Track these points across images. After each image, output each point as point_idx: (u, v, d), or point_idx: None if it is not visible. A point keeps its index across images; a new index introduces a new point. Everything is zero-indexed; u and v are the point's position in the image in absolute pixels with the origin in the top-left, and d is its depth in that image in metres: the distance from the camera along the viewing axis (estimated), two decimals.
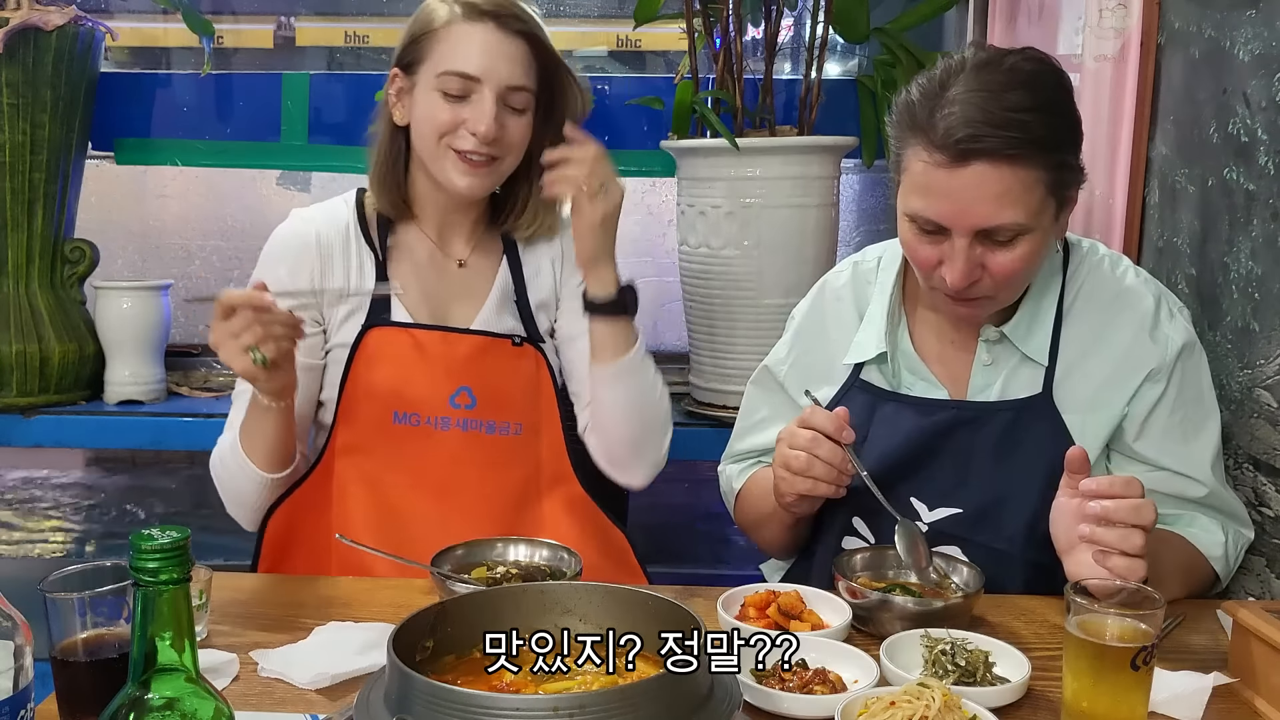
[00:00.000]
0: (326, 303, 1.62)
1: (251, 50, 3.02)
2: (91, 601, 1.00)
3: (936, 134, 1.30)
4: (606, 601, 1.04)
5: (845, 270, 1.63)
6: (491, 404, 1.62)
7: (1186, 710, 1.09)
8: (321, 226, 1.64)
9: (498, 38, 1.56)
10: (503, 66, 1.56)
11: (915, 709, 1.00)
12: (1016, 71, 1.32)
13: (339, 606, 1.36)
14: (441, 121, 1.56)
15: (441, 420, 1.60)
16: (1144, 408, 1.44)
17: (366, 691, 0.90)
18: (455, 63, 1.55)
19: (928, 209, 1.34)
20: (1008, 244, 1.34)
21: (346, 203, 1.69)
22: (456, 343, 1.62)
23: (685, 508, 1.81)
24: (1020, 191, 1.30)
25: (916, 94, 1.35)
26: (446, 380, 1.60)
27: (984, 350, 1.48)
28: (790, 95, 2.53)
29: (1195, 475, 1.45)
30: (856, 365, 1.54)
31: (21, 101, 2.34)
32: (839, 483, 1.39)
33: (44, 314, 2.42)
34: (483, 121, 1.53)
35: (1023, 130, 1.28)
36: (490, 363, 1.63)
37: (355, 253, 1.65)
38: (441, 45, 1.56)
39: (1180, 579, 1.42)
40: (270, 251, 1.65)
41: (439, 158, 1.58)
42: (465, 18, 1.56)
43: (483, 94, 1.55)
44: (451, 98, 1.55)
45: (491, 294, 1.68)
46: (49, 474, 3.06)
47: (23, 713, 0.88)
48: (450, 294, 1.68)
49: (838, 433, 1.37)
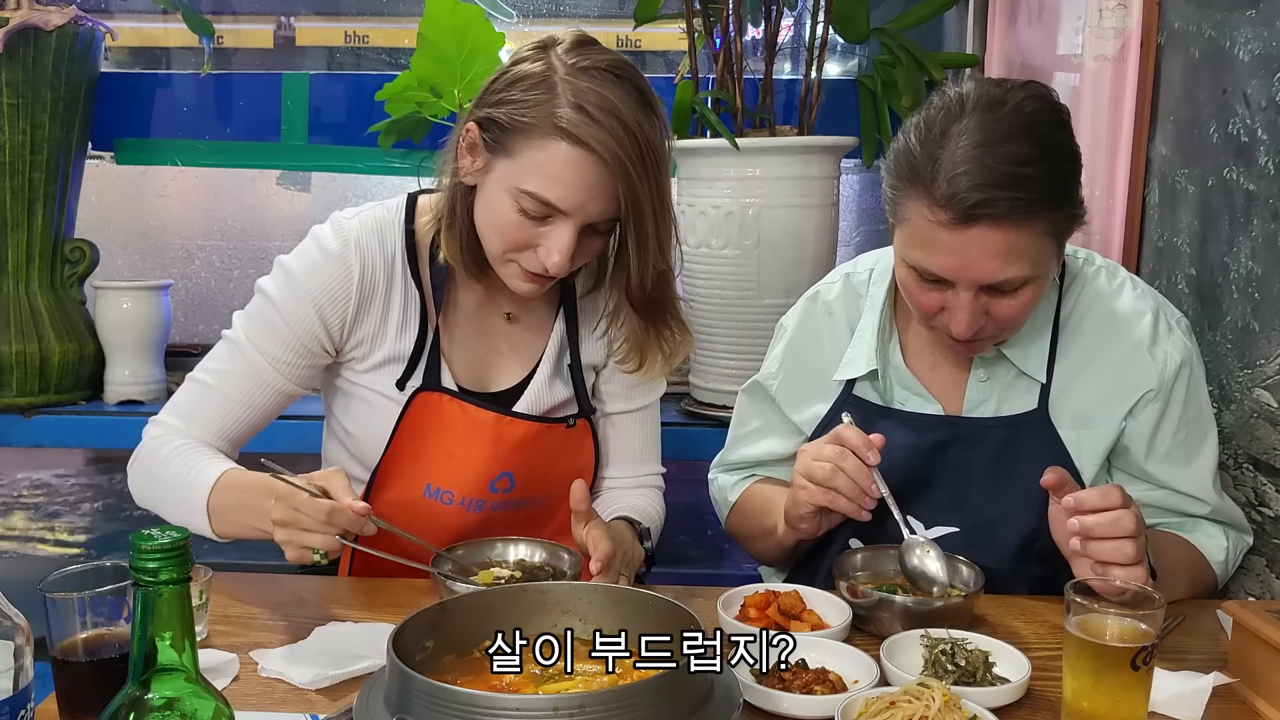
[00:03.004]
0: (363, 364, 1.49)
1: (251, 50, 3.03)
2: (91, 601, 1.00)
3: (939, 193, 1.25)
4: (606, 601, 1.04)
5: (837, 282, 1.60)
6: (530, 486, 1.53)
7: (1186, 710, 1.09)
8: (367, 257, 1.45)
9: (598, 174, 1.32)
10: (594, 203, 1.34)
11: (915, 709, 1.00)
12: (1018, 114, 1.27)
13: (339, 606, 1.36)
14: (512, 240, 1.37)
15: (476, 503, 1.51)
16: (1144, 427, 1.43)
17: (366, 691, 0.90)
18: (541, 187, 1.32)
19: (930, 263, 1.31)
20: (1012, 293, 1.32)
21: (397, 222, 1.49)
22: (509, 426, 1.50)
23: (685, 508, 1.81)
24: (1025, 247, 1.28)
25: (915, 142, 1.30)
26: (491, 464, 1.50)
27: (979, 367, 1.47)
28: (790, 95, 2.54)
29: (1198, 494, 1.45)
30: (849, 381, 1.52)
31: (21, 101, 2.34)
32: (860, 501, 1.35)
33: (44, 314, 2.42)
34: (555, 254, 1.34)
35: (1029, 189, 1.24)
36: (539, 447, 1.52)
37: (401, 291, 1.48)
38: (534, 155, 1.32)
39: (1186, 580, 1.42)
40: (306, 261, 1.46)
41: (501, 263, 1.41)
42: (566, 140, 1.31)
43: (564, 226, 1.34)
44: (529, 216, 1.34)
45: (545, 358, 1.54)
46: (49, 474, 3.06)
47: (23, 713, 0.88)
48: (496, 352, 1.54)
49: (865, 449, 1.34)
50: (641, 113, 1.33)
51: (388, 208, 1.51)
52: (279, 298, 1.45)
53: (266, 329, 1.45)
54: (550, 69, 1.33)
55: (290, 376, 1.46)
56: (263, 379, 1.45)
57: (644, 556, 1.48)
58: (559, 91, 1.31)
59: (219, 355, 1.48)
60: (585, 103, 1.30)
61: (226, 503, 1.35)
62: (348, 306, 1.45)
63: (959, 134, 1.26)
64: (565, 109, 1.30)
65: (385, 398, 1.49)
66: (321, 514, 1.20)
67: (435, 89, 2.35)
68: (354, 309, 1.46)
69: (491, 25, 2.34)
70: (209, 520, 1.36)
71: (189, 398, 1.48)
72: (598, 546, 1.31)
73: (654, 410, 1.67)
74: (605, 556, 1.31)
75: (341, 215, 1.49)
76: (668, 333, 1.52)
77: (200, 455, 1.42)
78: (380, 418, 1.49)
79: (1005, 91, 1.30)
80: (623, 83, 1.34)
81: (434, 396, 1.48)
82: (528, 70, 1.35)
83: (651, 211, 1.36)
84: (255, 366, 1.45)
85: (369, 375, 1.50)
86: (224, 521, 1.36)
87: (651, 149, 1.33)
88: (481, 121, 1.37)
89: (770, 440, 1.63)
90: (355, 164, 2.71)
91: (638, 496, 1.63)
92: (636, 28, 2.42)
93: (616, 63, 1.36)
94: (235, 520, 1.35)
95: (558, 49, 1.35)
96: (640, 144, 1.32)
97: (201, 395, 1.47)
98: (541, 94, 1.32)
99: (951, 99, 1.30)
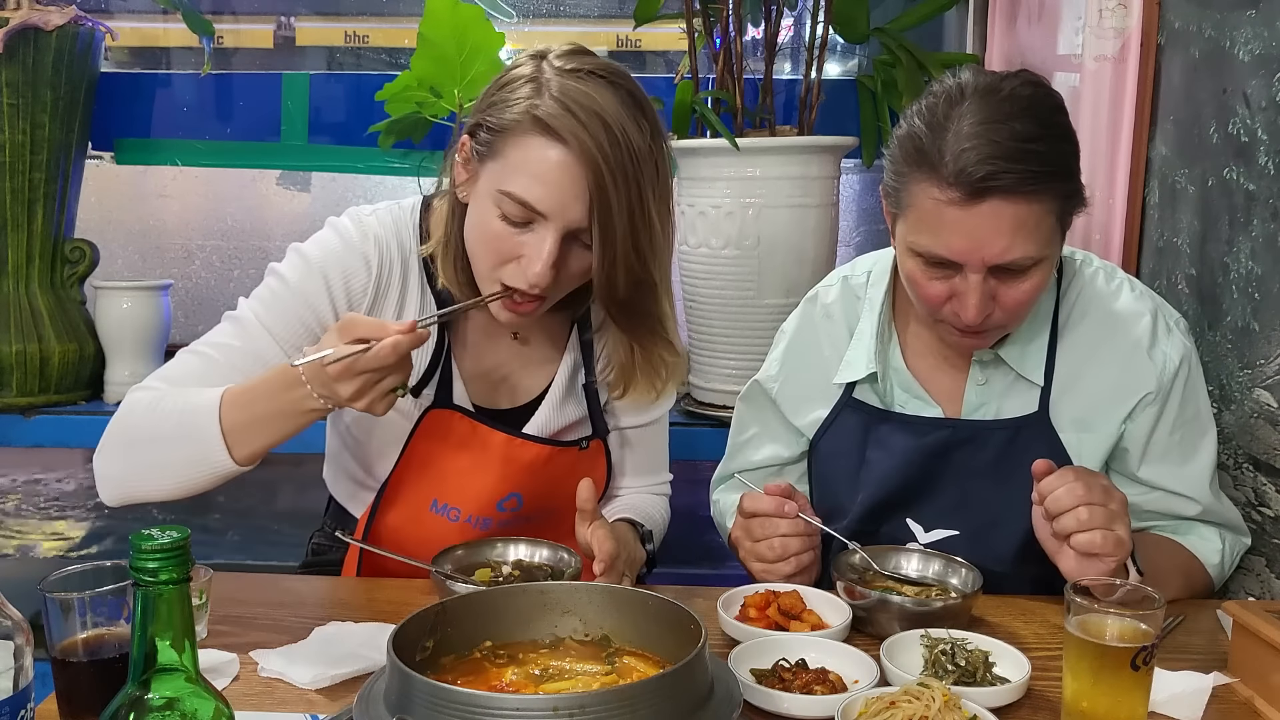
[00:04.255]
0: None
1: (251, 50, 3.02)
2: (91, 601, 1.00)
3: (949, 170, 1.26)
4: (606, 601, 1.04)
5: (835, 285, 1.60)
6: (538, 506, 1.51)
7: (1187, 710, 1.09)
8: (384, 255, 1.42)
9: (576, 173, 1.26)
10: (575, 206, 1.28)
11: (915, 709, 1.00)
12: (1017, 98, 1.29)
13: (339, 606, 1.37)
14: (495, 250, 1.32)
15: (483, 521, 1.49)
16: (1143, 430, 1.43)
17: (366, 691, 0.90)
18: (520, 187, 1.28)
19: (938, 245, 1.30)
20: (1020, 275, 1.32)
21: (412, 225, 1.46)
22: (520, 448, 1.47)
23: (685, 508, 1.81)
24: (1034, 224, 1.28)
25: (921, 125, 1.30)
26: (500, 484, 1.48)
27: (977, 371, 1.47)
28: (790, 95, 2.54)
29: (1191, 494, 1.45)
30: (849, 385, 1.52)
31: (21, 101, 2.34)
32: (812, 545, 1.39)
33: (44, 314, 2.42)
34: (537, 263, 1.29)
35: (1037, 162, 1.26)
36: (550, 469, 1.50)
37: (416, 297, 1.45)
38: (516, 153, 1.29)
39: (1179, 582, 1.42)
40: (325, 244, 1.43)
41: (485, 281, 1.36)
42: (543, 133, 1.27)
43: (544, 232, 1.29)
44: (510, 223, 1.30)
45: (558, 377, 1.52)
46: (49, 474, 3.06)
47: (23, 713, 0.88)
48: (508, 369, 1.51)
49: (779, 510, 1.36)
50: (628, 116, 1.29)
51: (403, 207, 1.48)
52: (292, 277, 1.41)
53: (276, 306, 1.40)
54: (539, 71, 1.31)
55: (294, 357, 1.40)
56: (267, 357, 1.37)
57: (645, 558, 1.48)
58: (543, 88, 1.29)
59: (222, 330, 1.42)
60: (567, 98, 1.27)
61: (243, 419, 1.27)
62: (364, 297, 1.42)
63: (962, 115, 1.28)
64: (546, 102, 1.27)
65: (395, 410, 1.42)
66: (390, 356, 1.16)
67: (435, 89, 2.35)
68: (370, 298, 1.42)
69: (491, 25, 2.34)
70: (227, 446, 1.27)
71: (185, 367, 1.39)
72: (602, 546, 1.31)
73: (664, 423, 1.66)
74: (609, 556, 1.30)
75: (360, 210, 1.46)
76: (656, 358, 1.47)
77: (190, 393, 1.32)
78: (388, 432, 1.47)
79: (1000, 79, 1.32)
80: (613, 86, 1.31)
81: (445, 414, 1.46)
82: (518, 74, 1.33)
83: (626, 215, 1.29)
84: (260, 342, 1.38)
85: None
86: (246, 439, 1.27)
87: (633, 152, 1.28)
88: (473, 130, 1.35)
89: (771, 446, 1.63)
90: (355, 164, 2.71)
91: (643, 501, 1.63)
92: (636, 28, 2.42)
93: (610, 68, 1.33)
94: (262, 431, 1.27)
95: (550, 56, 1.33)
96: (621, 145, 1.27)
97: (200, 365, 1.38)
98: (527, 92, 1.29)
99: (950, 86, 1.32)
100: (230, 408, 1.28)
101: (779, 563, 1.36)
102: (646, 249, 1.34)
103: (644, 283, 1.37)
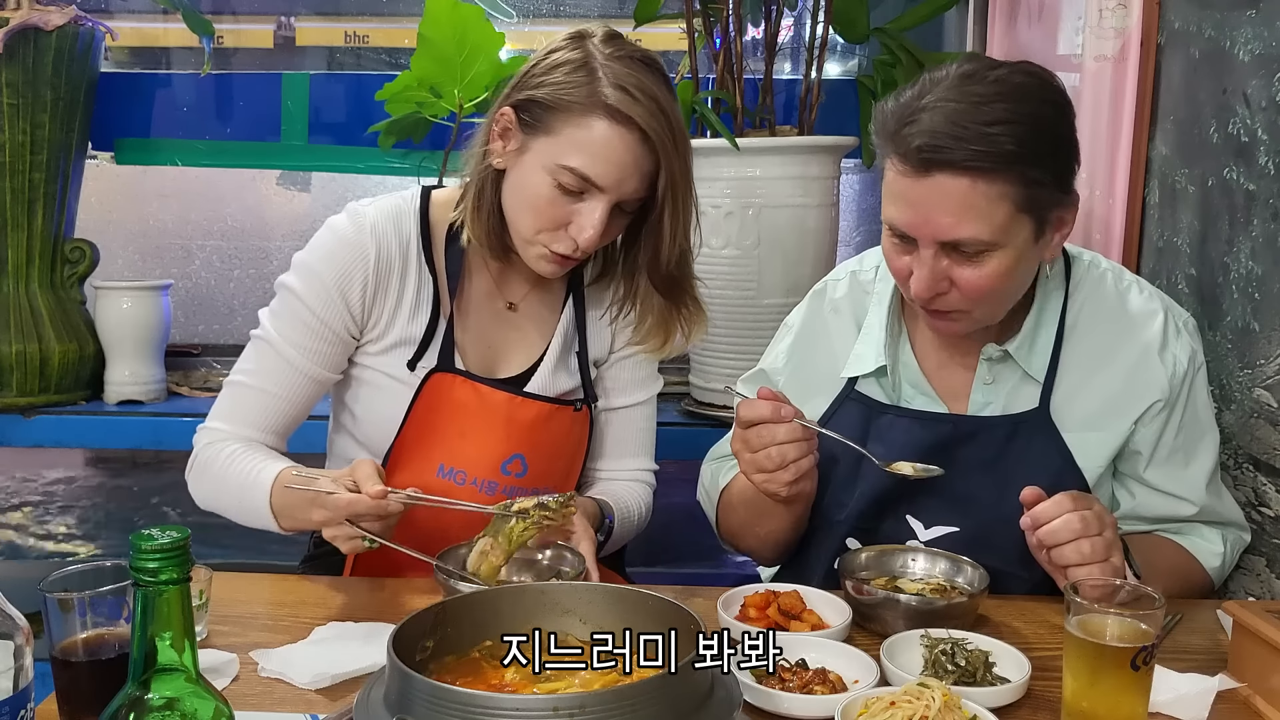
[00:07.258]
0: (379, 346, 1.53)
1: (251, 50, 3.03)
2: (91, 601, 1.00)
3: (902, 142, 1.30)
4: (606, 601, 1.04)
5: (843, 279, 1.60)
6: (541, 473, 1.56)
7: (1191, 711, 1.09)
8: (383, 241, 1.50)
9: (638, 153, 1.40)
10: (629, 181, 1.42)
11: (915, 709, 1.00)
12: (1001, 84, 1.29)
13: (339, 606, 1.36)
14: (546, 217, 1.43)
15: (488, 485, 1.53)
16: (1152, 434, 1.43)
17: (366, 691, 0.90)
18: (583, 163, 1.39)
19: (896, 217, 1.34)
20: (975, 259, 1.31)
21: (412, 211, 1.54)
22: (521, 407, 1.54)
23: (685, 508, 1.81)
24: (983, 206, 1.28)
25: (893, 103, 1.34)
26: (504, 445, 1.53)
27: (985, 368, 1.46)
28: (790, 95, 2.54)
29: (1187, 496, 1.45)
30: (851, 378, 1.52)
31: (21, 101, 2.34)
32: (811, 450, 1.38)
33: (44, 314, 2.42)
34: (589, 229, 1.41)
35: (988, 144, 1.26)
36: (549, 430, 1.57)
37: (415, 276, 1.52)
38: (575, 133, 1.40)
39: (1177, 582, 1.42)
40: (323, 249, 1.51)
41: (528, 244, 1.47)
42: (610, 117, 1.39)
43: (597, 203, 1.41)
44: (566, 193, 1.41)
45: (551, 346, 1.59)
46: (49, 474, 3.06)
47: (23, 713, 0.88)
48: (503, 338, 1.59)
49: (776, 415, 1.36)
50: (671, 98, 1.43)
51: (403, 197, 1.56)
52: (302, 290, 1.49)
53: (293, 322, 1.49)
54: (589, 55, 1.42)
55: (323, 364, 1.51)
56: (297, 369, 1.50)
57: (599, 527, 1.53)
58: (600, 75, 1.40)
59: (251, 355, 1.53)
60: (626, 84, 1.39)
61: (285, 503, 1.41)
62: (366, 286, 1.50)
63: (934, 92, 1.30)
64: (609, 89, 1.39)
65: (395, 380, 1.53)
66: (343, 511, 1.28)
67: (435, 89, 2.35)
68: (371, 289, 1.50)
69: (491, 25, 2.34)
70: (275, 520, 1.42)
71: (230, 400, 1.53)
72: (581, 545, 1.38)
73: (650, 406, 1.70)
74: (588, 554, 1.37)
75: (357, 204, 1.54)
76: (686, 311, 1.60)
77: (253, 459, 1.46)
78: (389, 401, 1.53)
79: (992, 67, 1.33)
80: (653, 70, 1.44)
81: (447, 378, 1.52)
82: (567, 57, 1.43)
83: (685, 189, 1.46)
84: (288, 359, 1.49)
85: (379, 358, 1.53)
86: (287, 519, 1.42)
87: (682, 131, 1.44)
88: (519, 104, 1.44)
89: None
90: (355, 164, 2.71)
91: (622, 489, 1.65)
92: (636, 28, 2.41)
93: (647, 53, 1.46)
94: (295, 518, 1.41)
95: (594, 39, 1.44)
96: (673, 125, 1.42)
97: (241, 396, 1.52)
98: (583, 76, 1.40)
99: (942, 70, 1.34)
100: (278, 492, 1.41)
101: (778, 470, 1.37)
102: (689, 219, 1.51)
103: (685, 250, 1.54)
